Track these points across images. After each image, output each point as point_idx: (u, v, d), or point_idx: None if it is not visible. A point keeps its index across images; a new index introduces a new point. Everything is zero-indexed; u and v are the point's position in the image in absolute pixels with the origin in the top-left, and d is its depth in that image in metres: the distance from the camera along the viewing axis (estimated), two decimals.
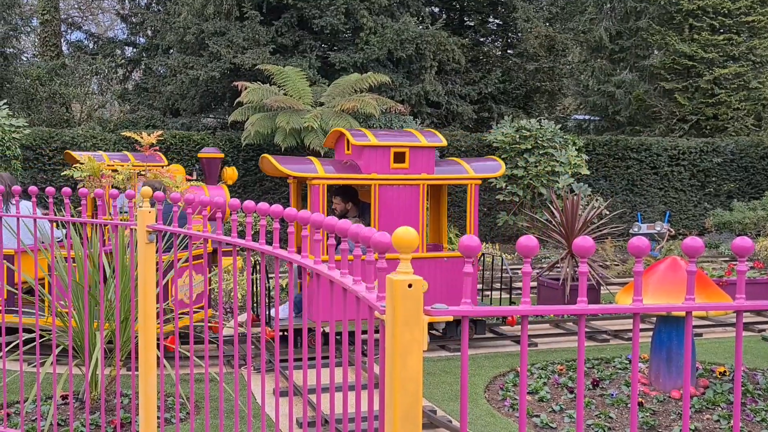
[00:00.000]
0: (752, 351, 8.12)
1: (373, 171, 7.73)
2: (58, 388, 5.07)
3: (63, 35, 23.08)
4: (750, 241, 2.07)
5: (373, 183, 7.72)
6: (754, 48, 20.59)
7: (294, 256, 2.85)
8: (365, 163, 7.76)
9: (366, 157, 7.75)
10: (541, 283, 10.49)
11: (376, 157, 7.74)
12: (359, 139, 7.86)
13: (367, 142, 7.77)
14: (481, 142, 17.03)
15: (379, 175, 7.71)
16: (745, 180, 19.42)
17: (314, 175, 7.60)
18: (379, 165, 7.74)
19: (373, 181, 7.70)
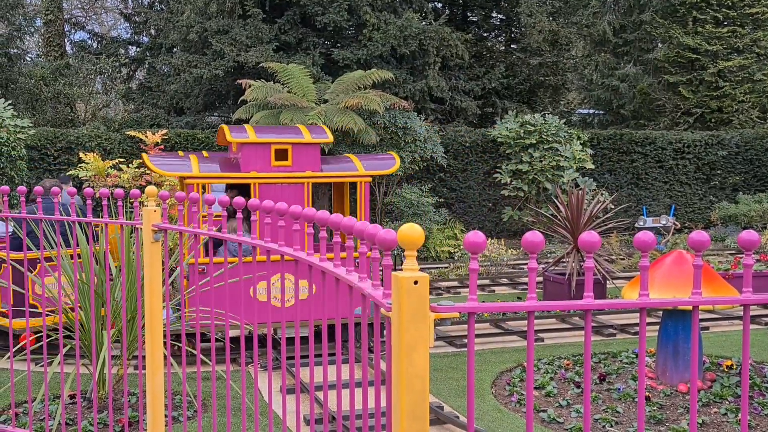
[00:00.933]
0: (759, 344, 8.10)
1: (252, 169, 7.35)
2: (66, 388, 5.08)
3: (67, 35, 23.12)
4: (756, 235, 2.07)
5: (252, 182, 7.30)
6: (759, 40, 20.50)
7: (299, 253, 2.85)
8: (245, 161, 7.38)
9: (245, 154, 7.38)
10: (546, 278, 10.48)
11: (255, 154, 7.36)
12: (237, 135, 7.49)
13: (245, 138, 7.42)
14: (486, 138, 17.01)
15: (258, 174, 7.33)
16: (751, 172, 19.36)
17: (188, 174, 7.23)
18: (259, 163, 7.37)
19: (252, 180, 7.29)
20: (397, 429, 1.91)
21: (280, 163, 7.42)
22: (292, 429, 5.49)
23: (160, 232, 3.99)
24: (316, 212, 2.69)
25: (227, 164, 7.55)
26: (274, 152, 7.42)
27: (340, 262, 2.55)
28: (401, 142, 14.72)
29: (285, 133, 7.77)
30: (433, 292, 11.20)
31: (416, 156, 14.87)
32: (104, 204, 4.36)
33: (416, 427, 1.90)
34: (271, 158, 7.39)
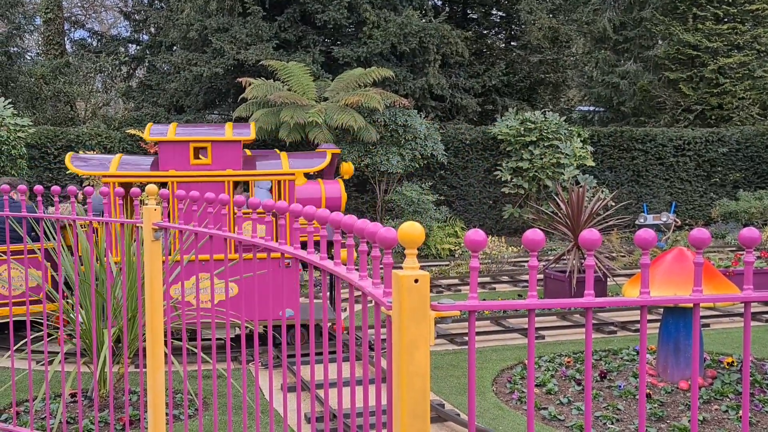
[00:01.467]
0: (760, 341, 8.10)
1: (171, 167, 7.21)
2: (67, 386, 5.09)
3: (66, 33, 23.11)
4: (757, 232, 2.06)
5: (169, 181, 7.17)
6: (759, 37, 20.48)
7: (300, 252, 2.85)
8: (163, 160, 7.23)
9: (164, 152, 7.22)
10: (547, 275, 10.48)
11: (174, 152, 7.20)
12: (156, 133, 7.32)
13: (162, 137, 7.26)
14: (486, 135, 17.01)
15: (177, 172, 7.18)
16: (751, 169, 19.35)
17: (104, 173, 7.11)
18: (177, 161, 7.20)
19: (170, 179, 7.15)
20: (398, 427, 1.91)
21: (199, 161, 7.28)
22: (293, 427, 5.50)
23: (160, 231, 3.98)
24: (317, 212, 2.69)
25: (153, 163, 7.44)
26: (193, 150, 7.26)
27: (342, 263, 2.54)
28: (401, 140, 14.72)
29: (205, 131, 7.58)
30: (434, 290, 11.20)
31: (416, 154, 14.89)
32: (104, 203, 4.35)
33: (417, 425, 1.90)
34: (190, 156, 7.25)
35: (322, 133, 13.44)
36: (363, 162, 14.54)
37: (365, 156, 14.56)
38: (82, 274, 5.54)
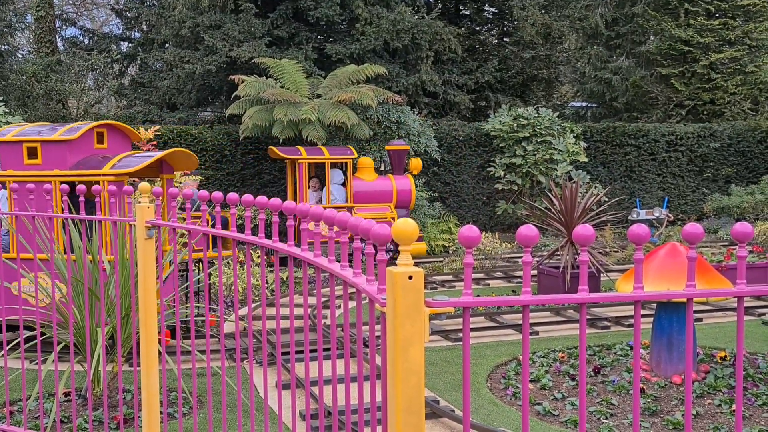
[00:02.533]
0: (753, 335, 8.14)
1: (9, 167, 7.53)
2: (61, 385, 5.08)
3: (58, 31, 22.99)
4: (750, 227, 2.07)
5: (6, 180, 7.42)
6: (750, 32, 20.53)
7: (294, 249, 2.85)
8: (4, 159, 7.60)
9: (3, 153, 7.60)
10: (541, 271, 10.50)
11: (11, 152, 7.53)
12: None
13: (2, 137, 7.59)
14: (479, 131, 17.02)
15: (14, 172, 7.47)
16: (743, 164, 19.42)
17: None
18: (14, 161, 7.52)
19: (6, 179, 7.45)
20: (393, 423, 1.91)
21: (31, 161, 7.49)
22: (287, 424, 5.50)
23: (153, 229, 3.98)
24: (311, 209, 2.68)
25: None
26: (26, 150, 7.48)
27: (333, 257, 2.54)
28: (395, 137, 14.71)
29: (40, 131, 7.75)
30: (428, 286, 11.21)
31: (410, 150, 14.90)
32: (97, 201, 4.34)
33: (412, 421, 1.90)
34: (23, 156, 7.49)
35: (315, 130, 13.42)
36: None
37: (358, 153, 14.55)
38: (75, 272, 5.52)
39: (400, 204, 13.31)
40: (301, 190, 12.71)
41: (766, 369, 6.68)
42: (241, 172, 15.82)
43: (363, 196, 13.11)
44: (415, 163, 13.73)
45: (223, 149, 15.78)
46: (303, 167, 12.71)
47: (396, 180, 13.36)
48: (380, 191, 13.27)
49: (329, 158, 12.82)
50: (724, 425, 5.50)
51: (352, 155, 12.99)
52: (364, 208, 13.03)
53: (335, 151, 13.02)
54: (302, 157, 12.71)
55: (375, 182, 13.33)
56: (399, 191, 13.32)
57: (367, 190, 13.18)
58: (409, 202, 13.43)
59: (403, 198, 13.35)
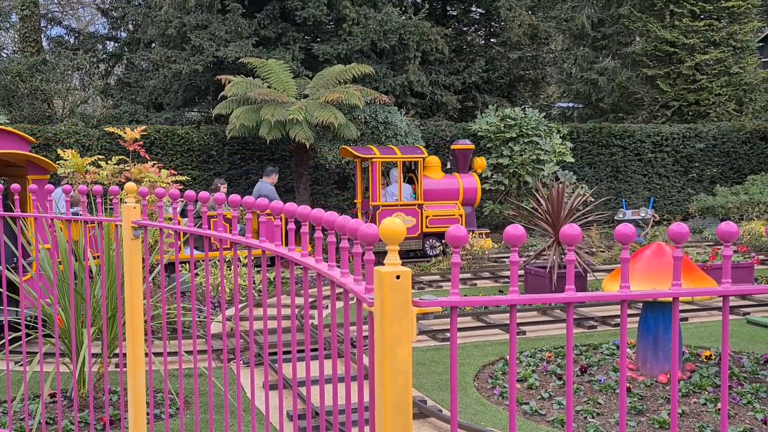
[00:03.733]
0: (737, 334, 8.19)
1: None
2: (46, 387, 5.04)
3: (43, 31, 22.85)
4: (735, 226, 2.08)
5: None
6: (735, 33, 20.69)
7: (280, 249, 2.84)
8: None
9: None
10: (528, 271, 10.53)
11: None
12: None
13: None
14: (466, 132, 17.05)
15: None
16: (728, 165, 19.55)
17: None
18: None
19: None
20: (381, 423, 1.91)
21: None
22: (275, 425, 5.48)
23: (139, 229, 3.96)
24: (298, 209, 2.68)
25: None
26: None
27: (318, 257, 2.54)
28: (382, 137, 14.71)
29: None
30: (415, 286, 11.22)
31: None
32: (83, 201, 4.32)
33: (399, 421, 1.90)
34: None
35: (302, 130, 13.41)
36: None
37: None
38: (61, 273, 5.49)
39: (466, 201, 13.77)
40: (374, 188, 13.06)
41: (751, 368, 6.72)
42: (228, 172, 15.78)
43: (432, 194, 13.51)
44: (479, 162, 14.20)
45: (210, 149, 15.73)
46: (376, 166, 13.09)
47: (462, 178, 13.84)
48: (448, 189, 13.73)
49: (401, 157, 13.27)
50: (710, 424, 5.53)
51: (422, 155, 13.45)
52: (433, 206, 13.49)
53: (406, 151, 13.46)
54: (376, 157, 13.09)
55: (442, 180, 13.80)
56: (465, 189, 13.81)
57: (435, 188, 13.61)
58: (475, 200, 13.94)
59: (470, 196, 13.86)
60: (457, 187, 13.77)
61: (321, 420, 2.41)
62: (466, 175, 13.92)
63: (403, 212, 13.21)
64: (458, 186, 13.79)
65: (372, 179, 13.09)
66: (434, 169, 13.80)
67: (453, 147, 14.22)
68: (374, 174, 13.07)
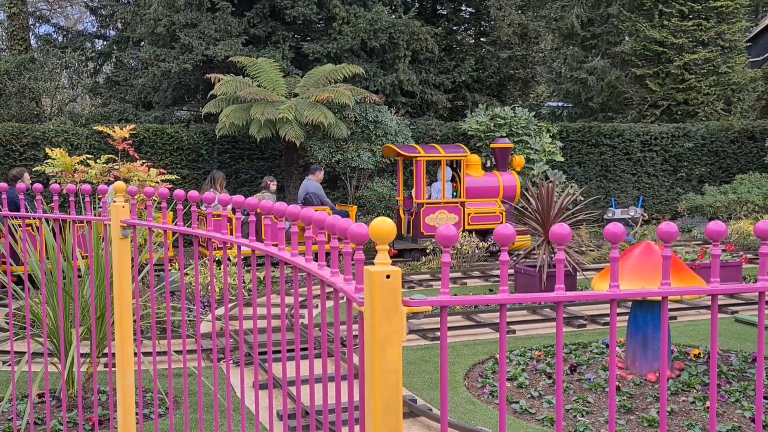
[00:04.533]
0: (726, 333, 8.24)
1: None
2: (34, 387, 5.01)
3: (31, 29, 22.71)
4: (724, 226, 2.09)
5: None
6: (723, 33, 20.79)
7: (271, 248, 2.84)
8: None
9: None
10: (517, 270, 10.55)
11: None
12: None
13: None
14: (456, 131, 17.06)
15: None
16: (716, 164, 19.65)
17: None
18: None
19: None
20: (371, 423, 1.91)
21: None
22: (265, 424, 5.48)
23: (128, 228, 3.94)
24: (287, 208, 2.68)
25: None
26: None
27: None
28: (372, 136, 14.71)
29: None
30: (405, 285, 11.22)
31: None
32: (71, 200, 4.29)
33: (390, 420, 1.90)
34: None
35: (292, 129, 13.38)
36: (334, 158, 14.51)
37: (336, 152, 14.53)
38: (49, 273, 5.46)
39: (506, 198, 14.04)
40: (418, 185, 13.41)
41: (739, 366, 6.76)
42: None
43: (473, 192, 13.78)
44: (517, 160, 14.54)
45: (199, 148, 15.68)
46: (421, 164, 13.46)
47: (501, 176, 14.13)
48: (488, 187, 14.03)
49: (445, 156, 13.58)
50: (698, 422, 5.56)
51: (465, 153, 13.72)
52: (475, 203, 13.80)
53: (449, 149, 13.74)
54: (421, 155, 13.43)
55: (483, 178, 14.11)
56: (505, 187, 14.11)
57: (476, 185, 13.89)
58: (514, 197, 14.17)
59: (510, 192, 14.14)
60: (497, 185, 14.07)
61: (311, 419, 2.41)
62: (505, 172, 14.25)
63: (446, 210, 13.60)
64: (498, 184, 14.10)
65: (416, 177, 13.46)
66: (475, 167, 14.09)
67: (492, 146, 14.57)
68: (419, 172, 13.44)
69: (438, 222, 13.41)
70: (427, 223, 13.48)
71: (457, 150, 13.80)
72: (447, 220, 13.51)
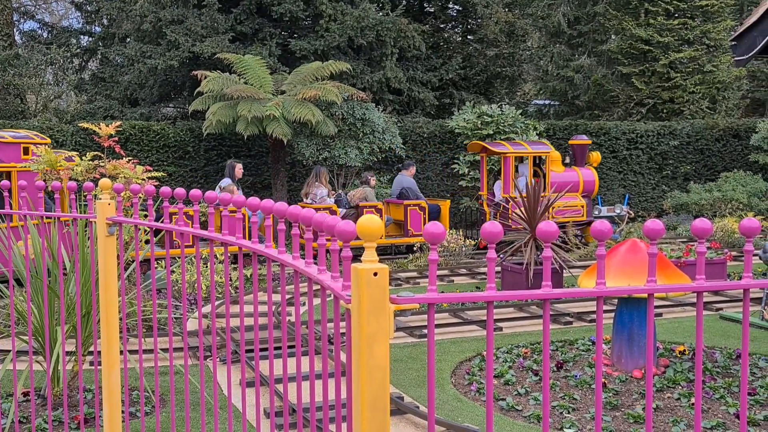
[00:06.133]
0: (710, 329, 8.29)
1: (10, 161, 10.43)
2: (19, 385, 4.98)
3: (15, 25, 22.53)
4: (709, 223, 2.11)
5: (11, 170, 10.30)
6: (708, 32, 20.90)
7: (257, 246, 2.83)
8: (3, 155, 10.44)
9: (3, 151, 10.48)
10: (504, 267, 10.57)
11: (10, 150, 10.50)
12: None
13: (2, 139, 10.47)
14: (443, 129, 17.07)
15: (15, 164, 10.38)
16: (701, 162, 19.77)
17: None
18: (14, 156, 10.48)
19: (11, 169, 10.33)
20: (358, 420, 1.91)
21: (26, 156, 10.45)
22: (252, 422, 5.47)
23: (114, 226, 3.92)
24: (277, 205, 2.67)
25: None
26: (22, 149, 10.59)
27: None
28: (359, 133, 14.70)
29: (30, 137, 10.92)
30: (393, 283, 11.22)
31: (375, 147, 14.88)
32: (56, 197, 4.26)
33: (377, 417, 1.90)
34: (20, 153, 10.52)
35: (279, 126, 13.35)
36: (321, 155, 14.49)
37: (323, 149, 14.51)
38: (34, 270, 5.43)
39: (585, 193, 14.65)
40: (506, 180, 13.93)
41: (724, 363, 6.81)
42: (204, 168, 15.68)
43: (554, 187, 14.13)
44: (594, 156, 15.13)
45: (186, 145, 15.62)
46: (509, 160, 13.94)
47: (581, 171, 14.75)
48: (569, 182, 14.49)
49: (531, 152, 14.10)
50: (683, 418, 5.60)
51: (549, 149, 14.29)
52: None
53: (534, 145, 14.30)
54: (509, 151, 13.90)
55: (564, 174, 14.67)
56: (585, 182, 14.75)
57: (558, 180, 14.33)
58: (593, 191, 14.81)
59: (589, 187, 14.77)
60: (577, 180, 14.66)
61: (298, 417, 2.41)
62: (584, 168, 14.80)
63: None
64: (578, 179, 14.70)
65: (504, 172, 13.97)
66: (556, 163, 14.56)
67: (571, 142, 15.12)
68: (507, 167, 13.96)
69: None
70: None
71: (542, 146, 14.34)
72: None
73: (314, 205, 12.78)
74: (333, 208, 12.68)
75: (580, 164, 14.90)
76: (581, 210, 14.45)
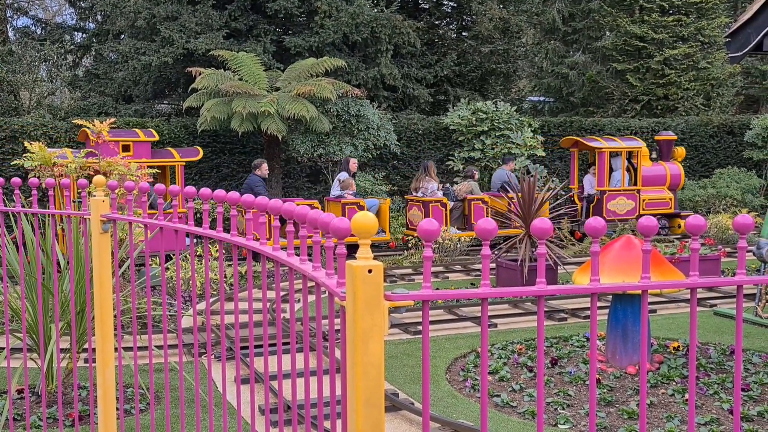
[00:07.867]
0: (704, 326, 8.32)
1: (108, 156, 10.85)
2: (13, 382, 4.97)
3: (9, 21, 22.45)
4: (703, 220, 2.11)
5: None
6: (703, 29, 20.94)
7: (252, 243, 2.83)
8: (102, 151, 11.17)
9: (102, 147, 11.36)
10: (499, 264, 10.59)
11: (107, 148, 11.38)
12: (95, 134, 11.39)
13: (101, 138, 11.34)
14: (438, 125, 17.07)
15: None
16: (695, 159, 19.81)
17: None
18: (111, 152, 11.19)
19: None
20: (353, 417, 1.91)
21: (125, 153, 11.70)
22: (246, 419, 5.47)
23: (109, 223, 3.91)
24: (268, 201, 2.67)
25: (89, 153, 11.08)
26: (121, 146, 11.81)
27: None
28: (354, 130, 14.69)
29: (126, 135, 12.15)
30: (387, 279, 11.23)
31: (369, 144, 14.88)
32: (50, 194, 4.26)
33: (372, 414, 1.91)
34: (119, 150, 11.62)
35: (274, 123, 13.33)
36: (316, 152, 14.48)
37: (318, 146, 14.50)
38: (28, 267, 5.41)
39: (672, 187, 15.43)
40: (601, 174, 14.74)
41: (718, 359, 6.84)
42: (198, 165, 15.64)
43: (646, 180, 15.13)
44: (679, 151, 15.87)
45: (180, 142, 15.58)
46: (605, 155, 14.76)
47: (668, 165, 15.51)
48: (657, 175, 15.39)
49: (624, 147, 14.93)
50: (678, 414, 5.62)
51: (640, 145, 15.03)
52: (647, 191, 15.20)
53: (626, 141, 15.10)
54: (604, 147, 14.73)
55: (652, 168, 15.42)
56: (672, 176, 15.47)
57: (648, 174, 15.22)
58: (678, 185, 15.66)
59: (675, 182, 15.52)
60: (664, 174, 15.41)
61: (293, 414, 2.42)
62: (670, 163, 15.52)
63: (625, 196, 14.95)
64: (665, 173, 15.43)
65: (599, 167, 14.73)
66: (644, 158, 15.21)
67: (657, 138, 15.94)
68: (602, 162, 14.71)
69: (618, 208, 14.87)
70: (609, 209, 14.82)
71: (633, 142, 15.09)
72: (626, 206, 14.90)
73: (425, 197, 13.54)
74: (444, 201, 13.48)
75: (666, 159, 15.57)
76: (669, 203, 15.24)
